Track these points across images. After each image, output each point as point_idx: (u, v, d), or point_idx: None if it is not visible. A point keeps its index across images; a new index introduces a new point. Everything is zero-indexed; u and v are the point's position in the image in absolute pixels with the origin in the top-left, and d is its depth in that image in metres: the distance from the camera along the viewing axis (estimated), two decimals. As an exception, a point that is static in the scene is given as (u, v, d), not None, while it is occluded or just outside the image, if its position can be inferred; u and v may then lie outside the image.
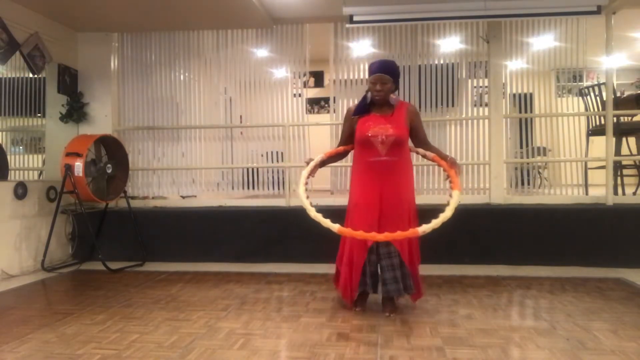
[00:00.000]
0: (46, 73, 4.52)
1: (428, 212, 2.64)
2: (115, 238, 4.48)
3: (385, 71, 2.70)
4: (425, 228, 2.42)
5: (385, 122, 2.70)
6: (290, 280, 3.61)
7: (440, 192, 4.56)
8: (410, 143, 2.88)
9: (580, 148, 4.49)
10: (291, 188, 4.57)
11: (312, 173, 2.85)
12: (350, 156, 3.01)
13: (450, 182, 2.66)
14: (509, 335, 2.37)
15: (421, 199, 3.25)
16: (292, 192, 4.56)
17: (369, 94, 2.78)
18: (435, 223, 2.41)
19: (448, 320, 2.61)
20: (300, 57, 4.75)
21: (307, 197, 2.64)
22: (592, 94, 4.52)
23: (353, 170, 2.88)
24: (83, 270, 4.12)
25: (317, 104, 7.65)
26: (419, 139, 2.87)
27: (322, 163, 2.91)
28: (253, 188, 4.80)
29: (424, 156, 2.89)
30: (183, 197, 5.06)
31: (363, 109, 2.79)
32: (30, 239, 4.10)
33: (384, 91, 2.70)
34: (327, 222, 2.49)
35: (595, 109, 4.50)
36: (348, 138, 2.91)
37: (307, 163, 2.86)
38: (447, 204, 2.52)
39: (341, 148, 2.96)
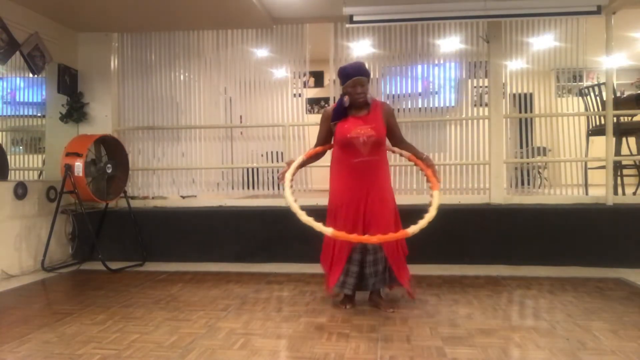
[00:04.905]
0: (46, 73, 4.52)
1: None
2: (115, 238, 4.48)
3: (361, 74, 2.77)
4: (414, 229, 2.46)
5: (363, 123, 2.77)
6: (290, 280, 3.61)
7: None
8: (387, 142, 2.95)
9: (580, 148, 4.49)
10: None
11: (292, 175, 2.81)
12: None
13: (429, 181, 2.76)
14: (509, 335, 2.37)
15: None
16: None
17: (346, 98, 2.78)
18: (422, 224, 2.46)
19: (448, 320, 2.61)
20: (300, 57, 4.74)
21: (295, 201, 2.57)
22: (592, 94, 4.52)
23: (333, 171, 2.90)
24: (83, 270, 4.12)
25: (317, 104, 7.65)
26: (396, 138, 2.95)
27: (302, 164, 2.93)
28: (253, 188, 4.80)
29: (400, 155, 2.98)
30: (183, 197, 5.06)
31: (341, 114, 2.82)
32: (30, 239, 4.10)
33: (364, 92, 2.77)
34: (319, 226, 2.47)
35: (595, 109, 4.50)
36: (325, 139, 2.95)
37: (289, 165, 2.84)
38: (430, 204, 2.58)
39: (319, 148, 2.97)
